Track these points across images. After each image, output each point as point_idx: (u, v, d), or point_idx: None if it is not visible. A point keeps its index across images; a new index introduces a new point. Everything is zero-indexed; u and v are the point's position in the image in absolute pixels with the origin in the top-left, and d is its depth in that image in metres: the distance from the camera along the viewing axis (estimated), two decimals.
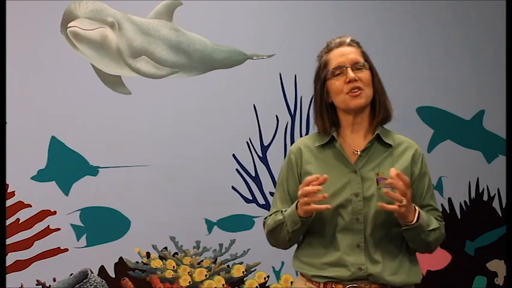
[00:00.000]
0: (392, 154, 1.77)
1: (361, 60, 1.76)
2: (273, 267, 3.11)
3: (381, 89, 1.80)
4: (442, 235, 1.76)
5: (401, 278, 1.70)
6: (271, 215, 1.84)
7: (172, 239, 3.12)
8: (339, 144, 1.77)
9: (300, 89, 3.16)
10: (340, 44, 1.79)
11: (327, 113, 1.80)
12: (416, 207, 1.68)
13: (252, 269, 3.13)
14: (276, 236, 1.79)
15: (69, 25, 3.11)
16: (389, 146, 1.78)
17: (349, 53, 1.76)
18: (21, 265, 3.05)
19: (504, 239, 3.11)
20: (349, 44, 1.79)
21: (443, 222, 1.80)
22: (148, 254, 3.12)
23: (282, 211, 1.77)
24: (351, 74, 1.72)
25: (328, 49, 1.80)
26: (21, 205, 3.07)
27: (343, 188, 1.72)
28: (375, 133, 1.77)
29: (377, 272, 1.67)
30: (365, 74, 1.75)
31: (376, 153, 1.76)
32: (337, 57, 1.76)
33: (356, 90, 1.72)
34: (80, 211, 3.10)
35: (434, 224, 1.73)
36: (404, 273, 1.71)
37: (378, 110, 1.78)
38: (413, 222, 1.65)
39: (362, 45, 1.82)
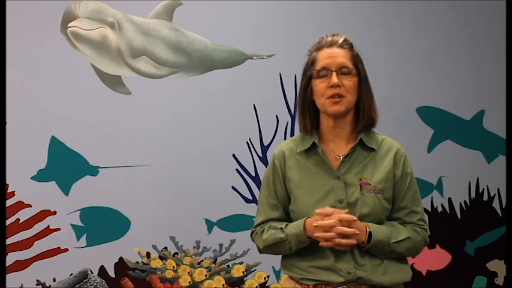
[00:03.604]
0: (375, 158, 1.74)
1: (349, 65, 1.71)
2: (273, 267, 3.11)
3: (367, 95, 1.74)
4: (417, 243, 1.73)
5: (389, 278, 1.69)
6: (260, 224, 1.81)
7: (172, 239, 3.12)
8: (321, 150, 1.74)
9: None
10: (331, 44, 1.74)
11: (309, 111, 1.77)
12: (368, 227, 1.66)
13: (252, 269, 3.13)
14: (274, 250, 1.78)
15: (69, 25, 3.11)
16: (372, 149, 1.75)
17: (337, 56, 1.71)
18: (21, 265, 3.06)
19: (504, 239, 3.11)
20: (341, 46, 1.73)
21: (426, 226, 1.76)
22: (148, 254, 3.12)
23: (282, 228, 1.74)
24: (334, 79, 1.68)
25: (319, 47, 1.76)
26: (21, 205, 3.07)
27: (327, 195, 1.70)
28: (358, 138, 1.74)
29: (365, 275, 1.67)
30: (350, 80, 1.70)
31: (359, 158, 1.74)
32: (324, 57, 1.72)
33: (337, 96, 1.69)
34: (80, 211, 3.10)
35: (403, 234, 1.70)
36: (393, 273, 1.70)
37: (362, 117, 1.74)
38: (365, 243, 1.65)
39: (357, 46, 1.77)
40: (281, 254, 1.79)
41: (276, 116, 3.17)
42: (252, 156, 3.17)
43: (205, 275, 3.12)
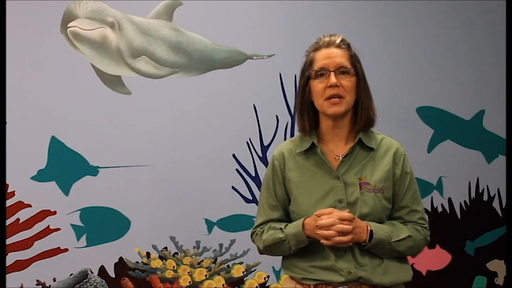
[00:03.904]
0: (374, 157, 1.74)
1: (347, 65, 1.71)
2: (273, 267, 3.11)
3: (365, 95, 1.75)
4: (418, 241, 1.73)
5: (390, 278, 1.69)
6: (260, 225, 1.81)
7: (172, 239, 3.12)
8: (320, 150, 1.74)
9: None
10: (329, 44, 1.74)
11: (307, 112, 1.77)
12: (370, 226, 1.66)
13: (252, 269, 3.13)
14: (274, 251, 1.78)
15: (69, 25, 3.11)
16: (372, 149, 1.75)
17: (335, 56, 1.71)
18: (21, 265, 3.06)
19: (504, 239, 3.11)
20: (338, 46, 1.73)
21: (426, 225, 1.76)
22: (148, 254, 3.12)
23: (281, 228, 1.74)
24: (333, 79, 1.69)
25: (316, 47, 1.76)
26: (21, 205, 3.07)
27: (327, 195, 1.71)
28: (357, 138, 1.74)
29: (366, 275, 1.67)
30: (348, 81, 1.70)
31: (358, 158, 1.74)
32: (322, 58, 1.72)
33: (335, 97, 1.69)
34: (80, 211, 3.10)
35: (404, 233, 1.70)
36: (393, 272, 1.70)
37: (360, 117, 1.74)
38: (367, 241, 1.65)
39: (357, 46, 1.77)
40: (281, 255, 1.80)
41: (276, 116, 3.17)
42: (252, 156, 3.17)
43: (205, 275, 3.12)
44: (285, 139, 3.15)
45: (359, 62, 1.76)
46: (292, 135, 3.15)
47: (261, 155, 3.17)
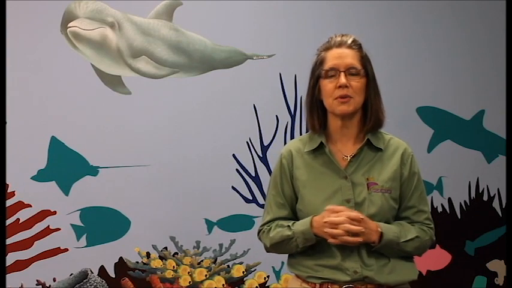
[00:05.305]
0: (382, 158, 1.75)
1: (357, 65, 1.72)
2: (273, 267, 3.11)
3: (374, 96, 1.76)
4: (425, 242, 1.74)
5: (395, 278, 1.70)
6: (267, 223, 1.82)
7: (172, 239, 3.12)
8: (329, 150, 1.75)
9: (300, 89, 3.16)
10: (340, 44, 1.75)
11: (317, 111, 1.78)
12: (380, 227, 1.66)
13: (252, 269, 3.13)
14: (281, 249, 1.79)
15: (69, 25, 3.11)
16: (380, 149, 1.76)
17: (346, 56, 1.72)
18: (21, 265, 3.06)
19: (504, 239, 3.11)
20: (349, 46, 1.74)
21: (432, 225, 1.78)
22: (148, 254, 3.12)
23: (289, 225, 1.75)
24: (343, 79, 1.70)
25: (327, 46, 1.77)
26: (21, 205, 3.07)
27: (334, 195, 1.71)
28: (365, 139, 1.75)
29: (371, 275, 1.67)
30: (358, 81, 1.72)
31: (366, 158, 1.75)
32: (333, 58, 1.73)
33: (344, 96, 1.70)
34: (80, 211, 3.10)
35: (412, 233, 1.71)
36: (399, 272, 1.71)
37: (369, 117, 1.75)
38: (376, 243, 1.66)
39: (364, 47, 1.78)
40: (287, 253, 1.80)
41: (276, 116, 3.17)
42: (252, 156, 3.17)
43: (205, 275, 3.12)
44: (285, 139, 3.15)
45: (370, 62, 1.77)
46: (292, 135, 3.15)
47: (261, 155, 3.17)
